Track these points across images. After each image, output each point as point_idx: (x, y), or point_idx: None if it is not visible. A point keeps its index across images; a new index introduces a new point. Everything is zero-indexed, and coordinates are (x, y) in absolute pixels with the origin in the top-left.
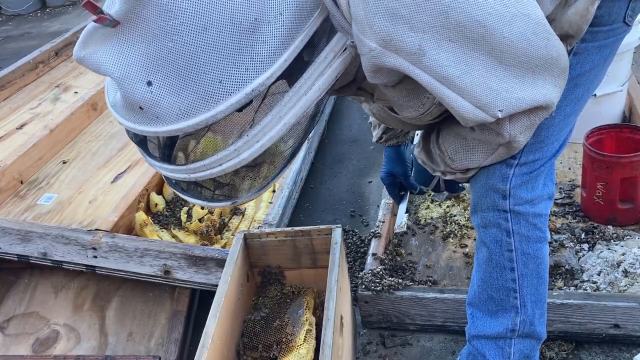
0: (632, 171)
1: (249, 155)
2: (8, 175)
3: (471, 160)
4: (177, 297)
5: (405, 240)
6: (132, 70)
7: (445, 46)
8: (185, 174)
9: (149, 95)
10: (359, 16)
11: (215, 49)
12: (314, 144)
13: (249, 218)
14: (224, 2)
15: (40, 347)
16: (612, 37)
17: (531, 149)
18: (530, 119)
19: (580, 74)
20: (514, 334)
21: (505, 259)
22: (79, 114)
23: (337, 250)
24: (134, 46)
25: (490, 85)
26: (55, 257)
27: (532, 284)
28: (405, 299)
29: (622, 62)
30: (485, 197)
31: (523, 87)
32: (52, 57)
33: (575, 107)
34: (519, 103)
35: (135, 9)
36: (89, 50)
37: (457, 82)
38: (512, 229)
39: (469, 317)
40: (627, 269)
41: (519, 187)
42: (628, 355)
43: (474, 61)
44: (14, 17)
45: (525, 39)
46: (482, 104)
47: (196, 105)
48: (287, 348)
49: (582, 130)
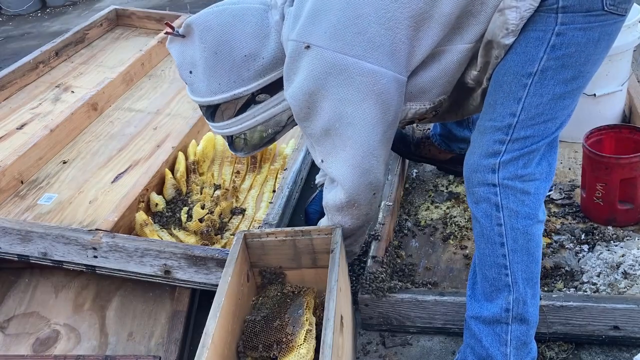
0: (631, 172)
1: (237, 129)
2: (8, 175)
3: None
4: (177, 297)
5: (405, 242)
6: (184, 62)
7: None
8: (216, 129)
9: (189, 79)
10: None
11: (221, 65)
12: None
13: (249, 218)
14: (230, 37)
15: (41, 347)
16: (595, 22)
17: (522, 125)
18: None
19: (565, 54)
20: (509, 314)
21: (495, 233)
22: (79, 114)
23: (337, 250)
24: (185, 50)
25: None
26: (55, 257)
27: (522, 260)
28: (405, 302)
29: (622, 62)
30: (476, 172)
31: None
32: (52, 57)
33: (567, 88)
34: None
35: (188, 32)
36: (172, 48)
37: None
38: (501, 203)
39: (467, 299)
40: (626, 270)
41: (509, 162)
42: (628, 355)
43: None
44: (14, 17)
45: None
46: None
47: (208, 92)
48: (287, 348)
49: (582, 130)
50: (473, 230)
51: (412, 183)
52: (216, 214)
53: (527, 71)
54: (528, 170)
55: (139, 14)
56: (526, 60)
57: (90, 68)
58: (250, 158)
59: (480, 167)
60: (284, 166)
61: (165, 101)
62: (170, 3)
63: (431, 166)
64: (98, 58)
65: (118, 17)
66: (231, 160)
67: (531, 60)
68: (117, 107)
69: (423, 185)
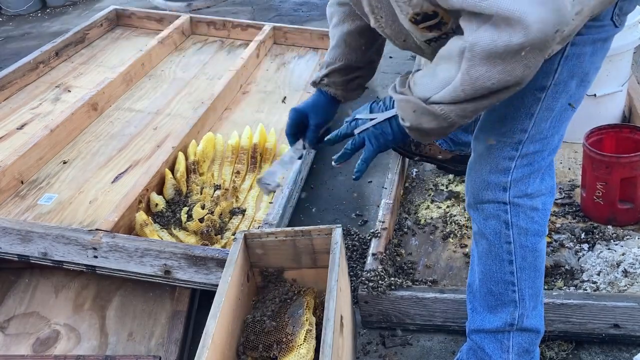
0: (631, 171)
1: None
2: (8, 175)
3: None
4: (177, 297)
5: (405, 240)
6: None
7: None
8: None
9: None
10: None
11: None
12: None
13: (249, 218)
14: None
15: (41, 347)
16: (602, 33)
17: (532, 140)
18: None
19: (575, 64)
20: (513, 327)
21: (504, 251)
22: (79, 114)
23: (337, 250)
24: None
25: None
26: (55, 257)
27: (529, 277)
28: (405, 299)
29: (622, 62)
30: (486, 189)
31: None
32: (52, 57)
33: (573, 98)
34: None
35: None
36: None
37: None
38: (511, 221)
39: (469, 312)
40: (626, 269)
41: (520, 180)
42: (628, 355)
43: None
44: (14, 18)
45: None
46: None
47: None
48: (287, 348)
49: (582, 130)
50: (476, 244)
51: (412, 182)
52: (216, 214)
53: (542, 84)
54: (535, 188)
55: (139, 14)
56: (540, 72)
57: (90, 68)
58: (250, 158)
59: (490, 184)
60: None
61: (165, 101)
62: None
63: (431, 165)
64: (98, 58)
65: (118, 17)
66: (231, 160)
67: (546, 72)
68: (117, 107)
69: (423, 184)
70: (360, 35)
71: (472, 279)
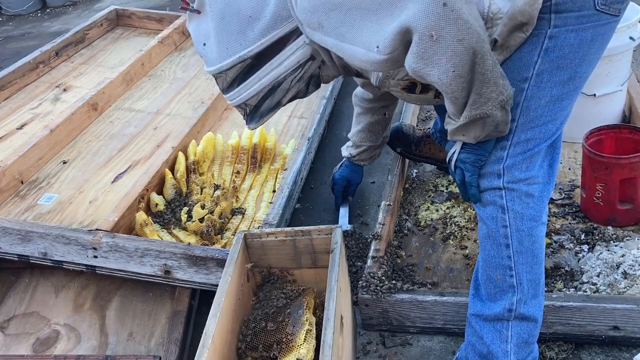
0: (631, 172)
1: (246, 95)
2: (8, 175)
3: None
4: (177, 297)
5: (405, 242)
6: (199, 36)
7: (331, 15)
8: (230, 100)
9: (204, 51)
10: (299, 17)
11: (228, 28)
12: (314, 144)
13: (249, 218)
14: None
15: (41, 347)
16: (587, 22)
17: (523, 128)
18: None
19: (559, 56)
20: (511, 314)
21: (500, 235)
22: (79, 114)
23: (337, 250)
24: (200, 24)
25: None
26: (55, 257)
27: (527, 262)
28: (405, 302)
29: (621, 62)
30: (482, 178)
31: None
32: (52, 57)
33: (564, 89)
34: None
35: (200, 5)
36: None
37: (348, 35)
38: (506, 206)
39: (470, 298)
40: (626, 270)
41: (513, 166)
42: (628, 355)
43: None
44: (14, 17)
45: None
46: (368, 45)
47: (218, 58)
48: (287, 348)
49: (582, 130)
50: (478, 232)
51: (412, 183)
52: (216, 214)
53: (523, 76)
54: (531, 173)
55: (139, 14)
56: (521, 65)
57: (90, 68)
58: (250, 158)
59: (485, 173)
60: (284, 166)
61: (165, 101)
62: (170, 3)
63: (431, 166)
64: (98, 58)
65: (118, 17)
66: (231, 160)
67: (526, 65)
68: (117, 107)
69: (423, 185)
70: (378, 124)
71: (477, 268)
